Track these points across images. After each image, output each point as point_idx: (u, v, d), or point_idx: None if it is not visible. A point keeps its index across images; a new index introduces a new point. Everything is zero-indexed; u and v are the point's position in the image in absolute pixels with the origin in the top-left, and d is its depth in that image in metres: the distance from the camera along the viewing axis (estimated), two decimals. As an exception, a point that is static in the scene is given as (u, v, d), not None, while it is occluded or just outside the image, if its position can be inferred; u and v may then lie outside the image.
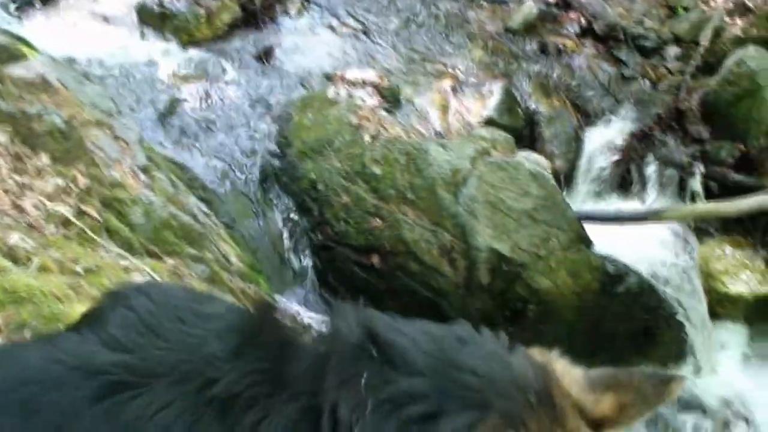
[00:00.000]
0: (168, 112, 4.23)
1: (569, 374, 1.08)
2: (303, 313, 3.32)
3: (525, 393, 0.97)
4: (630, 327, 3.96)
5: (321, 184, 3.80)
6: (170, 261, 2.77)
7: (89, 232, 2.55)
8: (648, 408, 1.10)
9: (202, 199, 3.48)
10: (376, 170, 3.77)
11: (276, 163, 3.96)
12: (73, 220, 2.56)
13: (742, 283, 4.17)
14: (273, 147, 4.04)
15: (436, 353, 0.99)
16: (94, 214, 2.66)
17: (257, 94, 4.47)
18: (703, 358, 4.15)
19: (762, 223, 4.15)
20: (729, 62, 4.67)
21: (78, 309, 1.85)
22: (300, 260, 3.80)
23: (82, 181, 2.75)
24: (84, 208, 2.65)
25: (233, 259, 3.45)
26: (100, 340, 1.00)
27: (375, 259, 3.71)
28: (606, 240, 3.94)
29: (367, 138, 3.89)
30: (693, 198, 4.47)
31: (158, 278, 2.51)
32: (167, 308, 1.05)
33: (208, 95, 4.37)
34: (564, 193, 4.17)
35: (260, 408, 0.94)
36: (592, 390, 1.07)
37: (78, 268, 2.30)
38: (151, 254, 2.76)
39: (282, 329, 1.04)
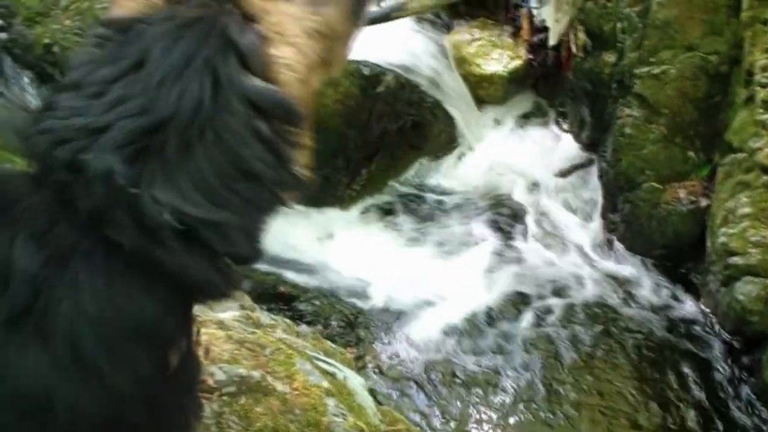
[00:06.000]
0: None
1: None
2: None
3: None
4: (399, 125, 4.18)
5: (56, 46, 3.63)
6: None
7: None
8: None
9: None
10: (109, 20, 3.63)
11: (3, 36, 3.72)
12: None
13: (495, 62, 4.43)
14: (-3, 21, 3.77)
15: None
16: None
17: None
18: (474, 139, 4.47)
19: (502, 0, 4.37)
20: None
21: None
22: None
23: None
24: None
25: (-20, 143, 3.31)
26: None
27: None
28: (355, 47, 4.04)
29: (93, -10, 3.70)
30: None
31: None
32: None
33: None
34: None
35: None
36: None
37: None
38: None
39: None
